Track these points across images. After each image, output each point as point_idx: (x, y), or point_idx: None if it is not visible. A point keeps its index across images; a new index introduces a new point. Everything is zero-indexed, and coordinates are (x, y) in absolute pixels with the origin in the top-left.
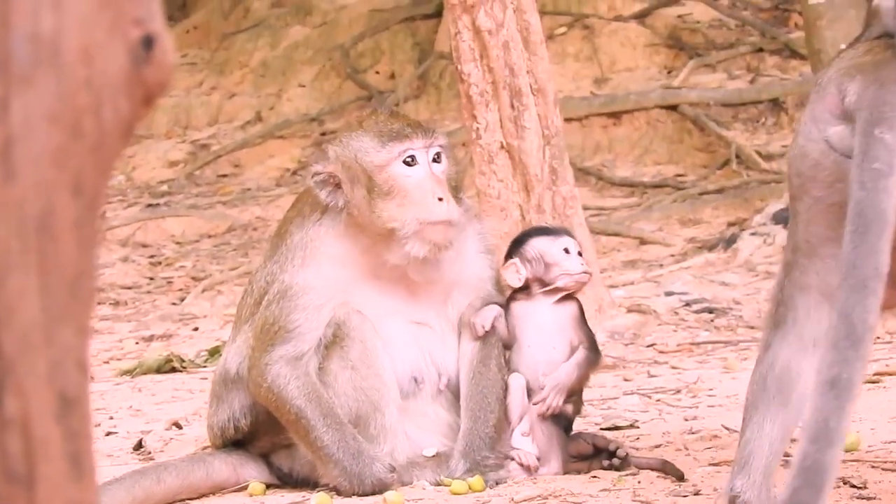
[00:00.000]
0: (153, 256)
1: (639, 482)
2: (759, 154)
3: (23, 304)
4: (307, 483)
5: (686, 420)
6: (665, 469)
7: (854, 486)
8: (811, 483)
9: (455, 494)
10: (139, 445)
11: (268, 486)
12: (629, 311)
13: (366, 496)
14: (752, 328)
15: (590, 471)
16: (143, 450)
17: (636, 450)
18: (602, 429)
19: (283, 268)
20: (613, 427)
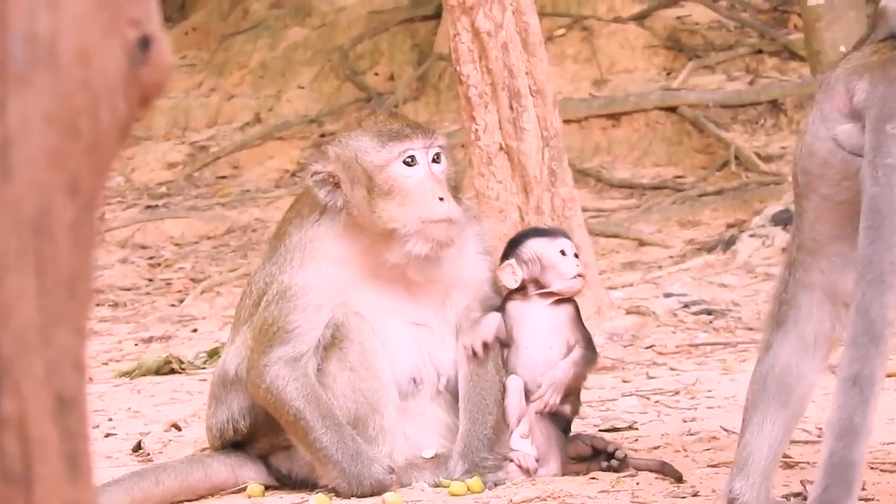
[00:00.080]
0: (152, 258)
1: (637, 483)
2: (759, 156)
3: (20, 305)
4: (306, 484)
5: (685, 421)
6: (664, 470)
7: None
8: (840, 480)
9: (454, 496)
10: (138, 447)
11: (266, 488)
12: (628, 313)
13: (364, 497)
14: (751, 330)
15: (588, 472)
16: (142, 451)
17: (635, 451)
18: (601, 430)
19: (282, 268)
20: (612, 428)
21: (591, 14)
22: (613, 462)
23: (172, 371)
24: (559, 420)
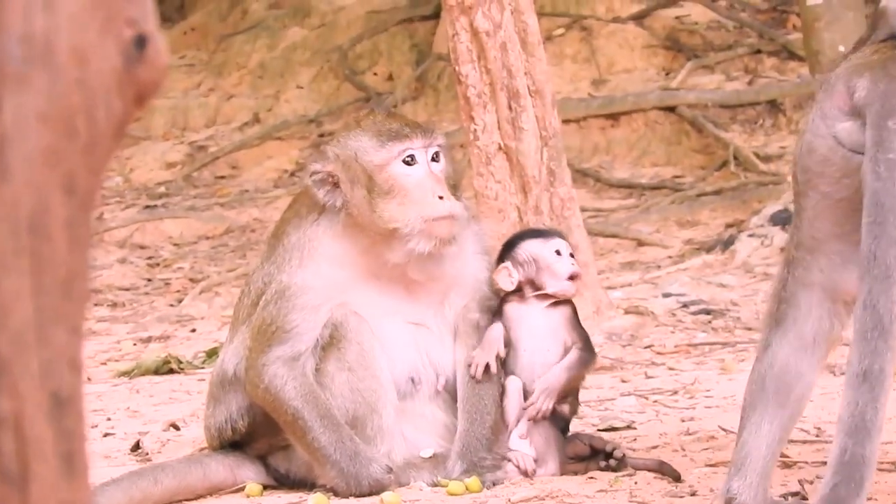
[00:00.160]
0: (151, 258)
1: (635, 483)
2: (757, 155)
3: (16, 304)
4: (304, 484)
5: (683, 421)
6: (662, 470)
7: None
8: (851, 478)
9: (452, 495)
10: (136, 446)
11: (265, 487)
12: (627, 313)
13: (363, 497)
14: (750, 329)
15: (587, 472)
16: (141, 451)
17: (633, 451)
18: (599, 430)
19: (281, 268)
20: (610, 428)
21: (590, 14)
22: (612, 461)
23: (171, 371)
24: (557, 420)
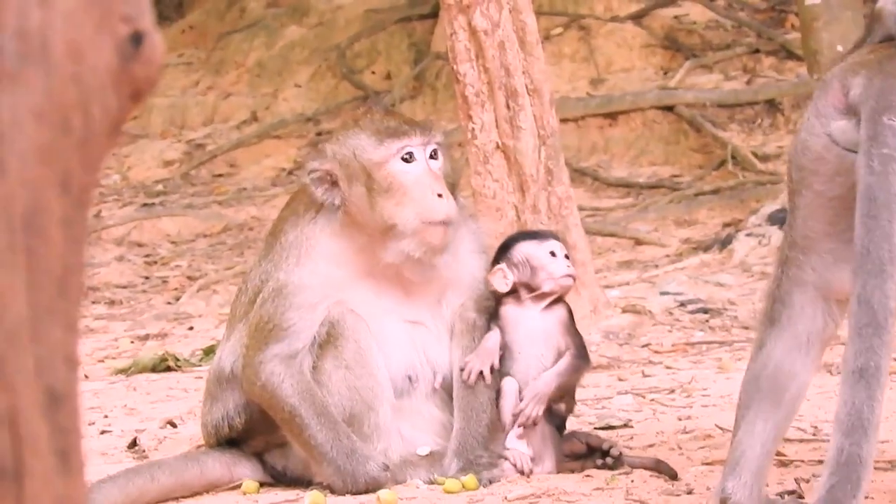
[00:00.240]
0: (148, 256)
1: (632, 481)
2: (755, 155)
3: (10, 301)
4: (301, 482)
5: (680, 420)
6: (658, 468)
7: None
8: (848, 479)
9: (448, 493)
10: (133, 444)
11: (262, 485)
12: (624, 312)
13: (359, 495)
14: (747, 329)
15: (583, 470)
16: (138, 448)
17: (630, 449)
18: (596, 428)
19: (278, 266)
20: (607, 426)
21: (589, 13)
22: (608, 460)
23: (168, 368)
24: (554, 418)
